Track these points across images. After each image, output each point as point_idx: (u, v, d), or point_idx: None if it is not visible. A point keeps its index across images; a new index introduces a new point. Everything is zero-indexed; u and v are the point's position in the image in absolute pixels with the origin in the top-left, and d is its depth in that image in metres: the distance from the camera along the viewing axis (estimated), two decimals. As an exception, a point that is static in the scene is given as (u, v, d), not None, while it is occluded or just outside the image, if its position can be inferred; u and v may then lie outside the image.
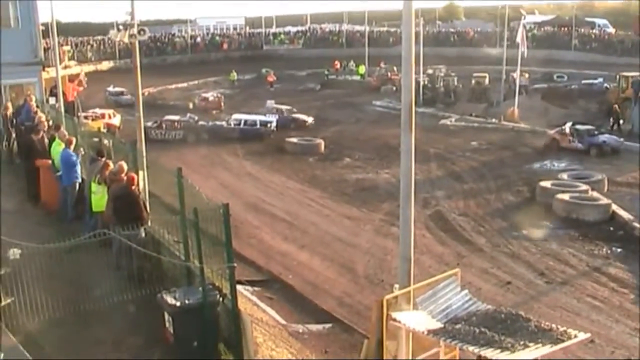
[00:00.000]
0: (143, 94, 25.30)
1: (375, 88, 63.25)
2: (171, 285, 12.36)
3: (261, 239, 24.37)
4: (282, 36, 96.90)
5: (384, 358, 11.61)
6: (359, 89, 64.54)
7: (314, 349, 15.37)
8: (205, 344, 11.27)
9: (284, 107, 47.97)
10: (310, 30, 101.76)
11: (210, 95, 57.49)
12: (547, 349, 9.55)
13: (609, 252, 23.19)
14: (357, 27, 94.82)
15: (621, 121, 42.92)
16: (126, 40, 18.16)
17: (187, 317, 11.11)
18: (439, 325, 10.41)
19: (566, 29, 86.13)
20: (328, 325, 17.22)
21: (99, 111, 44.36)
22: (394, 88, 57.91)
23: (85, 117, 40.40)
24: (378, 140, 40.64)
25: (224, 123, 44.00)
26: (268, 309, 17.74)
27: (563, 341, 9.74)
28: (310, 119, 46.77)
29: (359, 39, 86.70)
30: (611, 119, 43.08)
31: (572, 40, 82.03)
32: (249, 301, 17.29)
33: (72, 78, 42.51)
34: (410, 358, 11.25)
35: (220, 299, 11.40)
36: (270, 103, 47.78)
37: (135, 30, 17.94)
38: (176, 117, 43.52)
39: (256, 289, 19.27)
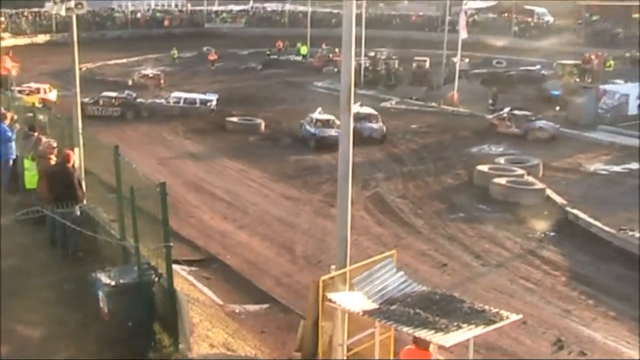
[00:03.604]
0: (80, 69, 24.79)
1: (317, 69, 63.14)
2: (108, 264, 12.23)
3: (200, 218, 24.22)
4: (225, 14, 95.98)
5: (320, 338, 11.66)
6: (301, 70, 64.33)
7: (251, 329, 15.35)
8: (140, 323, 11.17)
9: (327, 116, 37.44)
10: (253, 10, 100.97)
11: (150, 72, 56.68)
12: (480, 330, 9.70)
13: (542, 235, 23.68)
14: (300, 8, 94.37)
15: (558, 107, 43.70)
16: (63, 13, 17.73)
17: (122, 297, 11.00)
18: (375, 306, 10.48)
19: (506, 15, 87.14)
20: (265, 306, 17.21)
21: (34, 85, 43.33)
22: (336, 69, 57.87)
23: (20, 92, 39.42)
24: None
25: (163, 101, 43.47)
26: (205, 289, 17.64)
27: (496, 322, 9.90)
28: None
29: (302, 19, 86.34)
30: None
31: (512, 27, 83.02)
32: (186, 281, 17.19)
33: (7, 51, 41.47)
34: (345, 339, 11.32)
35: (156, 278, 11.31)
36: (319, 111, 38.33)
37: (72, 4, 17.53)
38: (114, 94, 42.77)
39: (193, 268, 19.15)
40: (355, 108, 35.25)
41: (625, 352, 16.16)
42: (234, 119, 39.80)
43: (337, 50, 60.17)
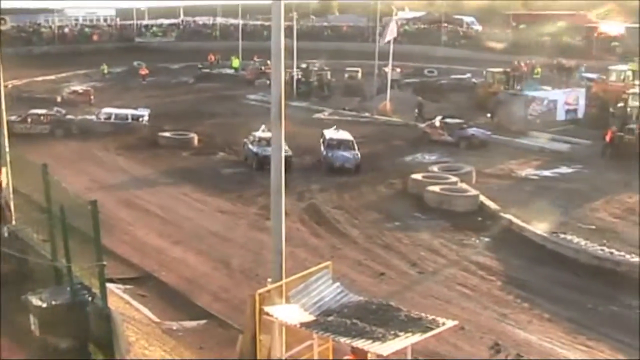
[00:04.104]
0: (6, 86, 24.25)
1: (249, 82, 63.01)
2: (40, 286, 11.95)
3: (135, 235, 23.89)
4: (155, 29, 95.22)
5: (259, 352, 11.59)
6: (233, 83, 64.11)
7: (189, 345, 15.18)
8: (74, 345, 10.94)
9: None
10: (184, 23, 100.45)
11: (80, 88, 55.76)
12: (417, 338, 9.78)
13: (477, 241, 24.00)
14: (232, 21, 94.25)
15: (488, 114, 44.41)
16: (-15, 30, 17.26)
17: (54, 319, 10.76)
18: (312, 318, 10.49)
19: (436, 25, 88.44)
20: (203, 322, 17.06)
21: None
22: (268, 82, 57.68)
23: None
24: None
25: (94, 117, 42.76)
26: (141, 307, 17.38)
27: (432, 329, 10.00)
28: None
29: (233, 32, 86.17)
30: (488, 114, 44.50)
31: (441, 36, 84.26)
32: (121, 299, 16.90)
33: None
34: (284, 351, 11.28)
35: (90, 298, 11.09)
36: None
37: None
38: (43, 111, 41.94)
39: (128, 286, 18.85)
40: (330, 133, 35.40)
41: (560, 353, 16.48)
42: (167, 134, 39.39)
43: (269, 62, 60.04)
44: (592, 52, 68.31)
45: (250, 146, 34.43)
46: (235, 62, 71.54)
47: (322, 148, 34.52)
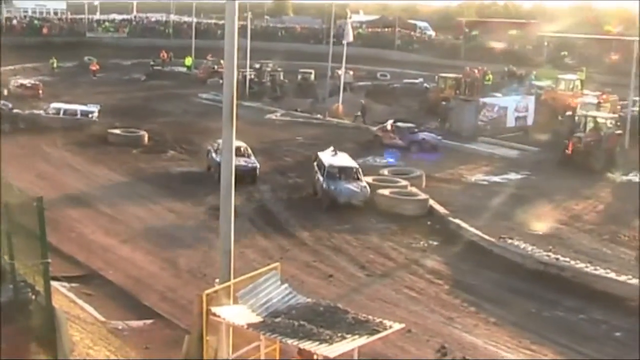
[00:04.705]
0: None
1: (202, 80, 62.64)
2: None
3: (81, 233, 23.59)
4: (107, 24, 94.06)
5: (206, 353, 11.53)
6: (185, 81, 63.67)
7: (135, 345, 15.05)
8: (16, 344, 10.73)
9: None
10: (136, 19, 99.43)
11: (28, 82, 54.81)
12: (363, 340, 9.83)
13: (426, 245, 24.19)
14: (185, 18, 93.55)
15: (440, 120, 44.75)
16: None
17: (-5, 317, 10.55)
18: (260, 319, 10.47)
19: (390, 29, 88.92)
20: (150, 321, 16.92)
21: None
22: (221, 81, 57.29)
23: None
24: (204, 134, 40.22)
25: (42, 112, 42.05)
26: (86, 306, 17.20)
27: (379, 332, 10.06)
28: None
29: (186, 29, 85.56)
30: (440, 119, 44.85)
31: (395, 40, 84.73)
32: (66, 298, 16.71)
33: None
34: (231, 352, 11.23)
35: (33, 296, 10.90)
36: None
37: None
38: (-13, 105, 41.18)
39: (74, 285, 18.62)
40: (326, 157, 29.65)
41: (505, 356, 16.70)
42: (117, 131, 38.92)
43: (222, 61, 59.80)
44: (543, 60, 69.36)
45: (214, 155, 30.34)
46: (188, 61, 71.07)
47: (319, 176, 28.68)
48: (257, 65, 58.52)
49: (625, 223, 26.58)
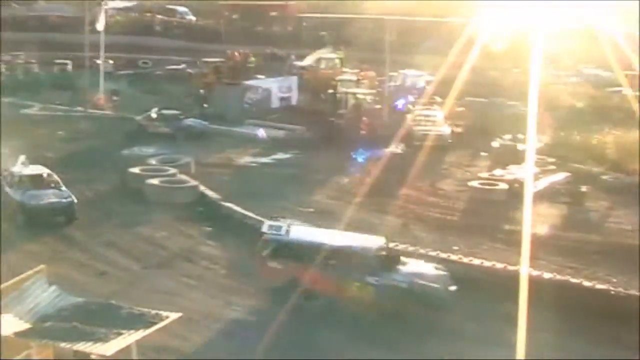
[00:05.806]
0: None
1: None
2: None
3: None
4: None
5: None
6: None
7: None
8: None
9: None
10: None
11: None
12: (140, 334, 9.72)
13: (199, 232, 24.19)
14: None
15: (205, 105, 44.67)
16: None
17: None
18: (28, 325, 10.02)
19: (149, 14, 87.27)
20: None
21: None
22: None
23: None
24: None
25: None
26: None
27: (156, 323, 9.98)
28: None
29: None
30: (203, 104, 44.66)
31: (154, 26, 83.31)
32: None
33: None
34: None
35: None
36: None
37: None
38: None
39: None
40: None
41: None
42: None
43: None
44: (303, 41, 71.03)
45: (8, 189, 24.90)
46: None
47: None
48: (9, 58, 55.46)
49: (390, 194, 27.79)
